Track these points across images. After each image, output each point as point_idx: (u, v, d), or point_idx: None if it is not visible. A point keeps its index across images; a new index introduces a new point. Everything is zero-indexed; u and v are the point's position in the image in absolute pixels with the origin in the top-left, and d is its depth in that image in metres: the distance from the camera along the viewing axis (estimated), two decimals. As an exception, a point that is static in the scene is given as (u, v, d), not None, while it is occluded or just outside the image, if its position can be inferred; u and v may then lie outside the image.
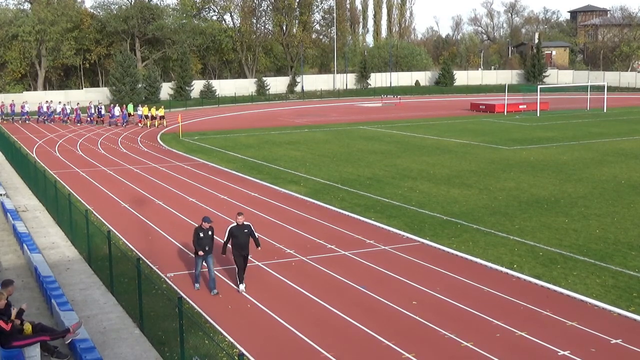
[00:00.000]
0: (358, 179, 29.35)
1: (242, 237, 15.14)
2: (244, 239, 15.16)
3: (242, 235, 15.14)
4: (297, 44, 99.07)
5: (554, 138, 42.86)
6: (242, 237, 15.13)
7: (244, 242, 15.16)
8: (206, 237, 15.25)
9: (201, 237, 15.21)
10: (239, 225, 15.17)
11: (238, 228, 15.16)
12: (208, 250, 15.27)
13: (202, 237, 15.21)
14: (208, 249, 15.27)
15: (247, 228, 15.25)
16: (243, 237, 15.14)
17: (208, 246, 15.27)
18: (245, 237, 15.16)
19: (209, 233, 15.31)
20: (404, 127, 51.49)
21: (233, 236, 15.14)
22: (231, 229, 15.20)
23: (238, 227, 15.17)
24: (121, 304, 14.60)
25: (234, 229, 15.19)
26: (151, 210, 23.98)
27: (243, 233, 15.15)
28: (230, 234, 15.18)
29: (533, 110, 62.71)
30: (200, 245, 15.18)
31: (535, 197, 24.96)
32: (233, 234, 15.15)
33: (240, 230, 15.15)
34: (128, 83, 75.24)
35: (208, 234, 15.29)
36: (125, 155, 38.69)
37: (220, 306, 14.60)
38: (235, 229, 15.18)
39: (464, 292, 15.13)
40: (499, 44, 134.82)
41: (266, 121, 59.10)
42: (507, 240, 19.28)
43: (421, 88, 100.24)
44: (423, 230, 20.54)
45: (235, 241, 15.14)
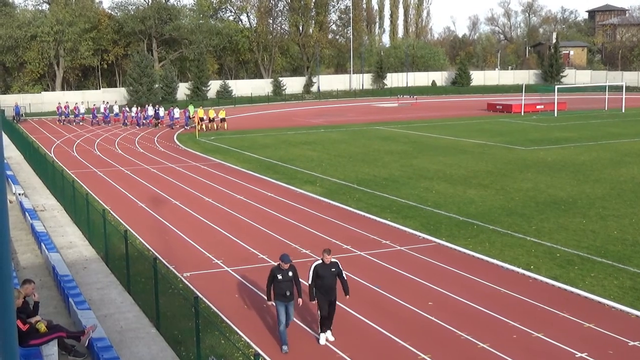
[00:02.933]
0: (374, 179, 29.30)
1: (329, 277, 12.66)
2: (331, 280, 12.68)
3: (329, 276, 12.65)
4: (314, 44, 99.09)
5: (571, 138, 42.56)
6: (328, 278, 12.65)
7: (331, 284, 12.67)
8: (286, 280, 12.47)
9: (279, 279, 12.44)
10: (325, 264, 12.66)
11: (324, 267, 12.65)
12: (289, 296, 12.44)
13: (280, 280, 12.44)
14: (289, 295, 12.43)
15: (335, 266, 12.75)
16: (330, 278, 12.66)
17: (289, 291, 12.44)
18: (332, 277, 12.69)
19: (289, 274, 12.53)
20: (420, 127, 51.34)
21: (318, 277, 12.62)
22: (316, 268, 12.68)
23: (324, 265, 12.66)
24: (138, 303, 14.66)
25: (319, 267, 12.67)
26: (168, 210, 24.08)
27: (330, 273, 12.66)
28: (316, 274, 12.65)
29: (550, 110, 62.31)
30: (280, 290, 12.39)
31: (552, 198, 24.80)
32: (318, 273, 12.63)
33: (327, 269, 12.65)
34: (145, 83, 75.57)
35: (288, 276, 12.51)
36: (142, 155, 38.88)
37: (236, 306, 14.63)
38: (321, 267, 12.65)
39: (480, 293, 15.07)
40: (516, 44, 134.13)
41: (282, 121, 59.16)
42: (524, 241, 19.17)
43: (438, 88, 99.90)
44: (439, 230, 20.48)
45: (320, 283, 12.60)
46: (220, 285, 15.98)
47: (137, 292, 15.11)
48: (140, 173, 32.42)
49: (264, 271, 16.79)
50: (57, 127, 56.94)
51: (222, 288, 15.75)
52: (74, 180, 25.39)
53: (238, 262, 17.66)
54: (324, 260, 12.65)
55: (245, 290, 15.63)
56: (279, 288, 12.40)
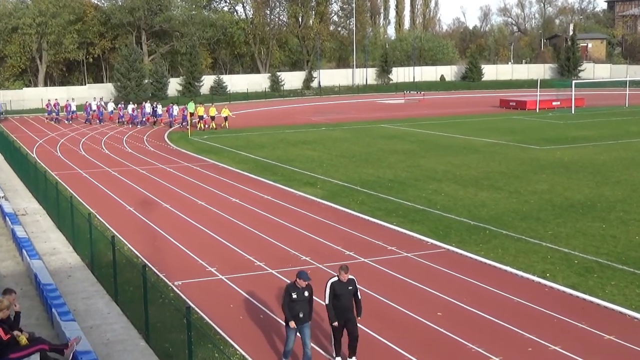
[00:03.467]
0: (379, 180, 29.31)
1: (346, 296, 12.20)
2: (348, 299, 12.23)
3: (346, 295, 12.19)
4: (314, 37, 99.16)
5: (590, 137, 42.56)
6: (345, 297, 12.19)
7: (348, 303, 12.22)
8: (301, 300, 12.04)
9: (294, 298, 11.97)
10: (342, 282, 12.21)
11: (341, 285, 12.19)
12: (303, 317, 12.05)
13: (295, 300, 11.98)
14: (303, 316, 12.05)
15: (352, 284, 12.29)
16: (347, 297, 12.21)
17: (303, 312, 12.05)
18: (349, 296, 12.24)
19: (304, 294, 12.06)
20: (428, 125, 51.35)
21: (335, 296, 12.19)
22: (333, 285, 12.20)
23: (341, 283, 12.20)
24: (126, 314, 14.65)
25: (336, 285, 12.19)
26: (158, 214, 24.08)
27: (347, 291, 12.20)
28: (333, 292, 12.19)
29: (567, 107, 62.33)
30: (293, 310, 11.99)
31: (569, 201, 24.80)
32: (335, 292, 12.18)
33: (344, 287, 12.19)
34: (134, 78, 75.57)
35: (304, 295, 12.05)
36: (130, 156, 38.89)
37: (231, 316, 14.62)
38: (337, 285, 12.19)
39: (492, 303, 15.05)
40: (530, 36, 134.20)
41: (280, 119, 59.19)
42: (540, 247, 19.17)
43: (446, 83, 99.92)
44: (449, 236, 20.48)
45: (336, 303, 12.16)
46: (214, 294, 15.97)
47: (125, 302, 15.10)
48: (129, 174, 32.42)
49: (261, 279, 16.80)
50: (41, 126, 56.99)
51: (216, 297, 15.73)
52: (57, 182, 25.40)
53: (233, 270, 17.64)
54: (341, 277, 12.20)
55: (241, 300, 15.61)
56: (291, 308, 11.96)
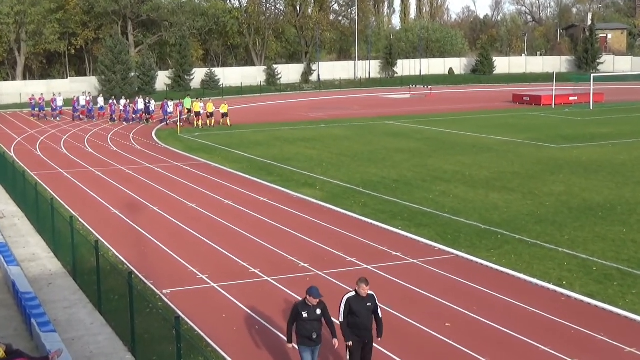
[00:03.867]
0: (383, 181, 29.32)
1: (365, 314, 11.52)
2: (367, 317, 11.55)
3: (364, 312, 11.51)
4: (313, 27, 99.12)
5: (609, 135, 42.58)
6: (364, 315, 11.50)
7: (367, 322, 11.55)
8: (313, 319, 11.44)
9: (305, 318, 11.41)
10: (360, 297, 11.54)
11: (359, 301, 11.53)
12: (317, 338, 11.51)
13: (306, 319, 11.41)
14: (317, 337, 11.51)
15: (371, 301, 11.62)
16: (365, 315, 11.53)
17: (316, 333, 11.49)
18: (368, 314, 11.56)
19: (317, 312, 11.46)
20: (435, 121, 51.36)
21: (351, 313, 11.51)
22: (349, 302, 11.54)
23: (359, 299, 11.54)
24: (110, 324, 14.65)
25: (353, 301, 11.52)
26: (145, 217, 24.08)
27: (366, 308, 11.52)
28: (348, 308, 11.53)
29: (585, 102, 62.32)
30: (304, 331, 11.44)
31: (588, 203, 24.82)
32: (352, 308, 11.50)
33: (362, 304, 11.52)
34: (119, 71, 75.52)
35: (316, 314, 11.44)
36: (115, 154, 38.88)
37: (224, 327, 14.62)
38: (354, 301, 11.53)
39: (505, 313, 15.06)
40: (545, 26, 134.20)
41: (277, 115, 59.17)
42: (556, 252, 19.18)
43: (455, 77, 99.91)
44: (458, 241, 20.49)
45: (353, 320, 11.49)
46: (205, 303, 15.96)
47: (109, 312, 15.09)
48: (114, 175, 32.41)
49: (256, 287, 16.80)
50: (19, 122, 56.96)
51: (207, 307, 15.73)
52: (37, 183, 25.37)
53: (226, 277, 17.64)
54: (359, 292, 11.50)
55: (235, 309, 15.61)
56: (304, 329, 11.40)
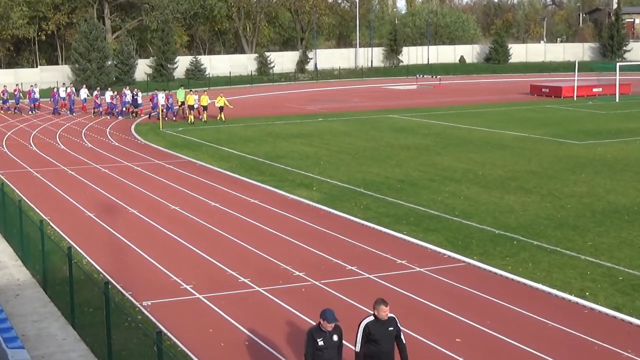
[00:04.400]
0: (386, 181, 29.33)
1: (386, 340, 11.29)
2: (389, 343, 11.34)
3: (385, 338, 11.27)
4: (309, 10, 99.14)
5: (637, 130, 42.62)
6: (385, 341, 11.28)
7: (389, 349, 11.36)
8: (330, 347, 11.31)
9: (320, 346, 11.30)
10: (379, 321, 11.28)
11: (379, 326, 11.26)
12: None
13: (321, 347, 11.30)
14: None
15: (393, 324, 11.40)
16: (387, 341, 11.30)
17: None
18: (389, 340, 11.35)
19: (333, 339, 11.31)
20: (444, 115, 51.37)
21: (370, 339, 11.26)
22: (368, 327, 11.31)
23: (379, 323, 11.27)
24: (85, 339, 14.63)
25: (372, 327, 11.27)
26: (123, 221, 24.06)
27: (387, 334, 11.29)
28: (367, 334, 11.30)
29: (611, 94, 62.40)
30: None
31: (613, 206, 24.84)
32: (371, 335, 11.25)
33: (383, 329, 11.27)
34: (95, 60, 75.51)
35: (332, 341, 11.32)
36: (90, 152, 38.86)
37: (211, 343, 14.60)
38: (374, 326, 11.26)
39: (521, 327, 15.06)
40: (566, 10, 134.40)
41: (269, 108, 59.16)
42: (577, 260, 19.18)
43: (467, 66, 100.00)
44: (469, 247, 20.49)
45: (372, 349, 11.22)
46: (190, 316, 15.95)
47: (83, 326, 15.07)
48: (89, 174, 32.38)
49: (246, 299, 16.78)
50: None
51: (192, 320, 15.72)
52: (3, 183, 25.36)
53: (213, 288, 17.62)
54: (379, 315, 11.20)
55: (222, 323, 15.60)
56: (319, 358, 11.25)
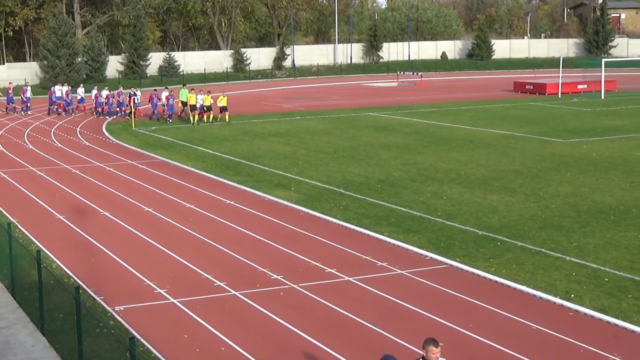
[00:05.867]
0: (366, 181, 29.36)
1: None
2: None
3: None
4: (286, 5, 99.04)
5: (623, 128, 42.89)
6: None
7: None
8: None
9: None
10: None
11: None
12: None
13: None
14: None
15: None
16: None
17: None
18: None
19: None
20: (426, 113, 51.47)
21: None
22: None
23: None
24: (55, 346, 14.55)
25: None
26: (95, 224, 23.95)
27: None
28: None
29: (596, 91, 62.76)
30: None
31: (599, 206, 24.98)
32: None
33: None
34: (64, 56, 75.04)
35: None
36: (60, 152, 38.66)
37: (186, 349, 14.58)
38: None
39: (505, 330, 15.12)
40: (551, 5, 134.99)
41: (246, 106, 59.04)
42: (562, 261, 19.28)
43: (449, 62, 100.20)
44: (452, 248, 20.55)
45: None
46: (164, 322, 15.91)
47: (53, 332, 15.00)
48: (58, 175, 32.22)
49: (221, 303, 16.76)
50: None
51: (166, 326, 15.68)
52: (-31, 185, 25.21)
53: (188, 292, 17.58)
54: (429, 357, 9.95)
55: (197, 328, 15.57)
56: None
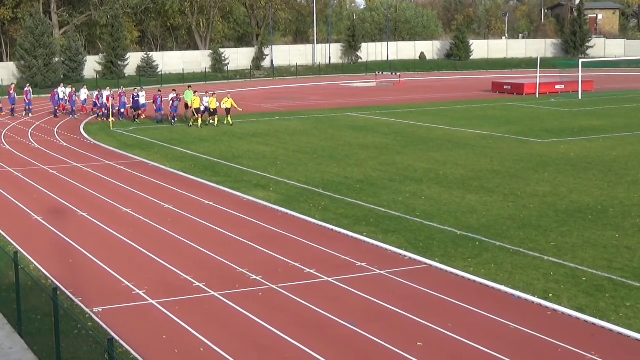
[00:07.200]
0: (345, 181, 29.38)
1: None
2: None
3: None
4: (265, 5, 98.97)
5: (600, 128, 43.14)
6: None
7: None
8: None
9: None
10: None
11: None
12: None
13: None
14: None
15: None
16: None
17: None
18: None
19: None
20: (405, 113, 51.57)
21: None
22: None
23: None
24: (32, 348, 14.49)
25: None
26: (72, 225, 23.85)
27: None
28: None
29: (573, 91, 63.09)
30: None
31: (576, 205, 25.12)
32: None
33: None
34: (41, 56, 74.70)
35: None
36: (37, 152, 38.46)
37: (164, 350, 14.54)
38: None
39: (484, 330, 15.17)
40: (528, 6, 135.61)
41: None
42: (540, 261, 19.36)
43: (427, 63, 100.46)
44: (431, 248, 20.59)
45: None
46: (142, 323, 15.86)
47: (31, 334, 14.92)
48: (35, 175, 32.06)
49: (200, 304, 16.73)
50: None
51: (145, 327, 15.63)
52: (-55, 186, 25.04)
53: (166, 293, 17.54)
54: None
55: (176, 329, 15.53)
56: None
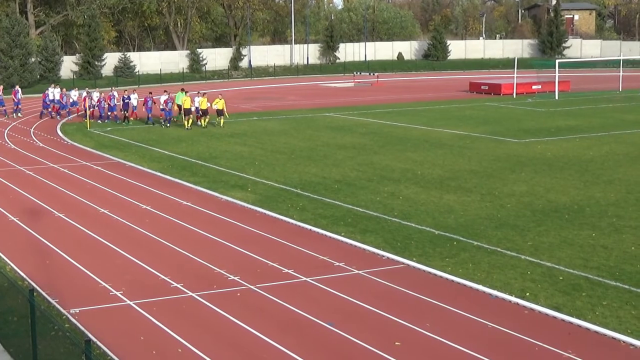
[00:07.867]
0: (323, 182, 29.39)
1: None
2: None
3: None
4: (243, 5, 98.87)
5: (577, 128, 43.39)
6: None
7: None
8: None
9: None
10: None
11: None
12: None
13: None
14: None
15: None
16: None
17: None
18: None
19: None
20: (382, 114, 51.66)
21: None
22: None
23: None
24: (9, 350, 14.41)
25: None
26: (49, 226, 23.74)
27: None
28: None
29: (550, 91, 63.43)
30: None
31: (553, 205, 25.24)
32: None
33: None
34: (17, 56, 74.38)
35: None
36: (13, 153, 38.26)
37: (142, 351, 14.50)
38: None
39: (461, 329, 15.21)
40: (505, 6, 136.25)
41: (202, 107, 58.78)
42: (518, 260, 19.45)
43: (405, 63, 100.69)
44: (408, 248, 20.63)
45: None
46: (120, 324, 15.81)
47: (7, 336, 14.85)
48: (11, 176, 31.89)
49: (178, 304, 16.69)
50: None
51: (122, 328, 15.58)
52: None
53: (144, 294, 17.48)
54: None
55: (154, 330, 15.49)
56: None
